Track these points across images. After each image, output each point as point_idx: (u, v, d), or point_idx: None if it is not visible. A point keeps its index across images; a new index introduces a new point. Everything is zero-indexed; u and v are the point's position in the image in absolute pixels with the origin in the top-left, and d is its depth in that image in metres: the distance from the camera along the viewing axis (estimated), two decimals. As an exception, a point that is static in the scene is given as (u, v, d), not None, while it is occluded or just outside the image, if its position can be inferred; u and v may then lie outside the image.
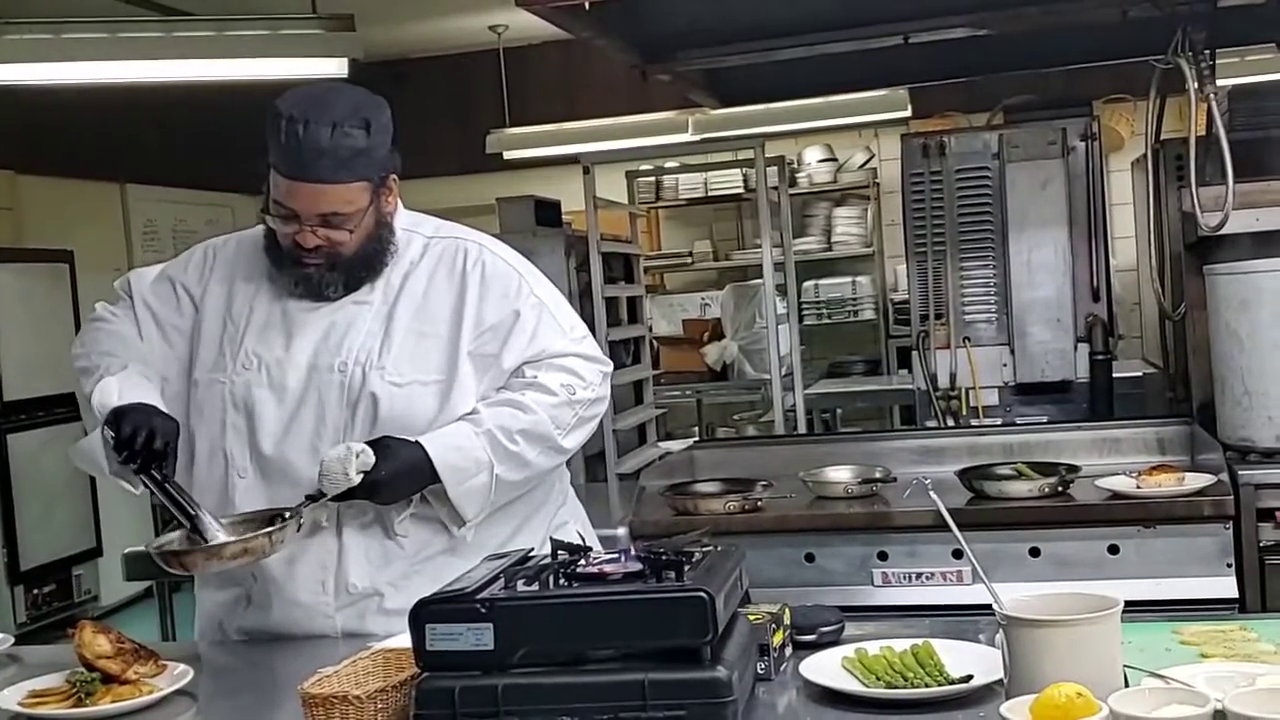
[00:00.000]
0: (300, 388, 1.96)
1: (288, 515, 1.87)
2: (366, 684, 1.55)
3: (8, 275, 5.74)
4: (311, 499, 1.88)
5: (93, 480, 5.59)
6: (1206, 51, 2.95)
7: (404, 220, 2.06)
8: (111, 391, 1.91)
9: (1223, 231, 2.87)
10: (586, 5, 2.68)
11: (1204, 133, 2.96)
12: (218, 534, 1.87)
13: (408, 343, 1.97)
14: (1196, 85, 2.91)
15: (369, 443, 1.87)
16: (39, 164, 6.29)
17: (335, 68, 4.31)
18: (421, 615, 1.44)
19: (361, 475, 1.84)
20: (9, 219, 6.27)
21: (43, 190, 6.40)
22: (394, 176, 2.00)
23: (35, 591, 5.75)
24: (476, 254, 2.04)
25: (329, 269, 1.97)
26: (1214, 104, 2.92)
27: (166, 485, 1.87)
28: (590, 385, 2.02)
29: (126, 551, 3.42)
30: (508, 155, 6.97)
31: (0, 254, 5.78)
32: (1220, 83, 2.97)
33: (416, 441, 1.90)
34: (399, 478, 1.88)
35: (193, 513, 1.88)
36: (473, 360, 1.97)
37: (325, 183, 1.89)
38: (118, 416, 1.87)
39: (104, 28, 4.16)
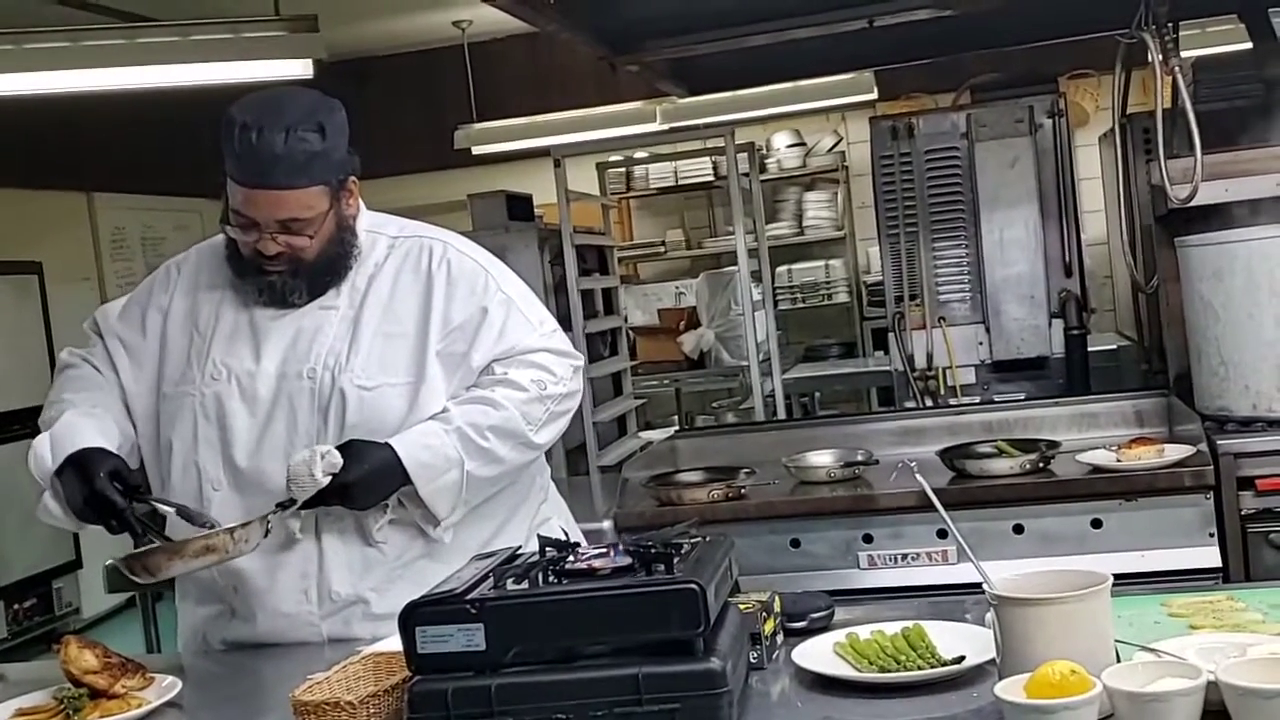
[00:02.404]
0: (271, 397, 1.94)
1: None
2: (358, 689, 1.54)
3: (-26, 289, 5.68)
4: (283, 506, 1.86)
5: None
6: (1170, 24, 2.96)
7: (367, 221, 2.05)
8: (44, 454, 1.90)
9: (1193, 203, 2.89)
10: (551, -1, 2.67)
11: (1170, 105, 2.97)
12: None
13: (376, 345, 1.96)
14: (1161, 58, 2.92)
15: (338, 447, 1.86)
16: (3, 176, 6.20)
17: (300, 69, 4.27)
18: (412, 618, 1.43)
19: (330, 477, 1.83)
20: (-26, 232, 6.19)
21: (8, 202, 6.32)
22: (353, 179, 1.98)
23: (16, 606, 5.69)
24: (441, 252, 2.02)
25: (292, 275, 1.95)
26: (1179, 76, 2.93)
27: (141, 521, 1.86)
28: (561, 380, 2.01)
29: (108, 563, 3.38)
30: (477, 150, 6.92)
31: (-34, 267, 5.72)
32: (1184, 54, 2.98)
33: (385, 443, 1.89)
34: (370, 479, 1.87)
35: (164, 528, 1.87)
36: (441, 360, 1.96)
37: (282, 189, 1.88)
38: (60, 473, 1.86)
39: (66, 36, 4.11)
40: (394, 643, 1.52)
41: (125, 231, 7.23)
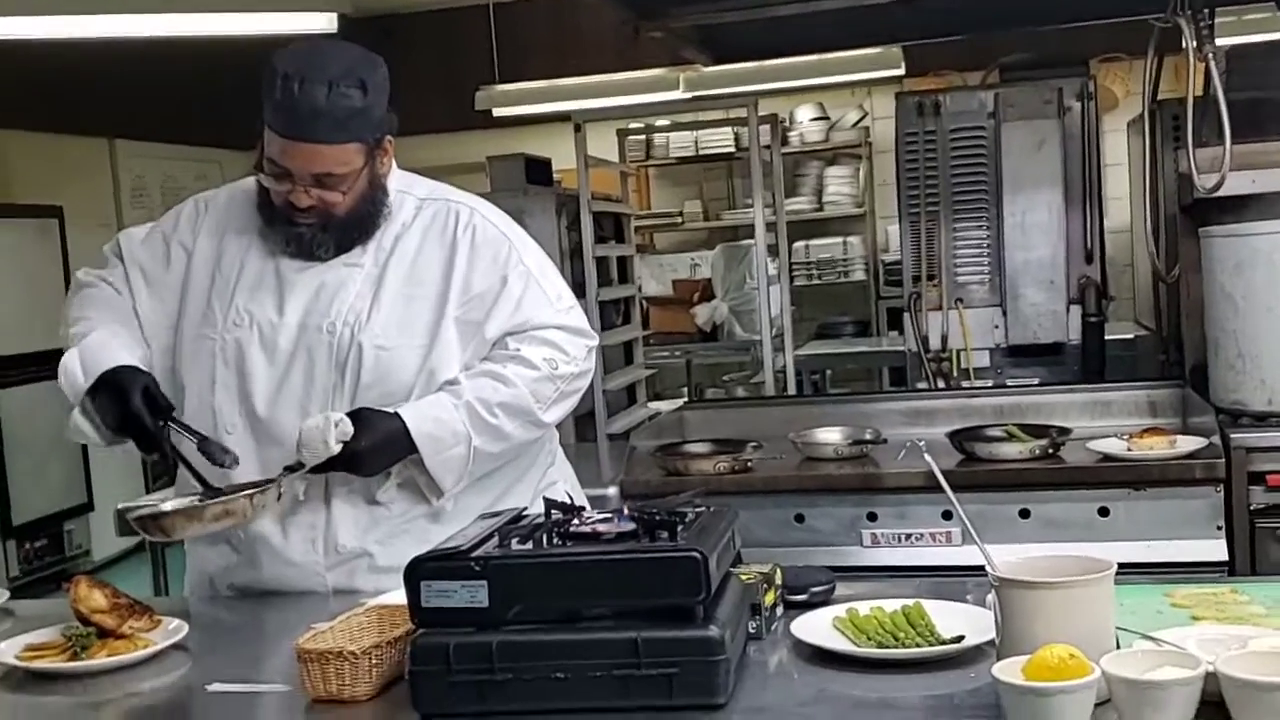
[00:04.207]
0: (290, 348, 1.95)
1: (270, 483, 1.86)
2: (361, 640, 1.56)
3: (-4, 231, 5.70)
4: (290, 469, 1.87)
5: (82, 437, 5.58)
6: (1206, 10, 2.92)
7: (397, 181, 2.04)
8: (75, 370, 1.91)
9: (1219, 193, 2.86)
10: (579, -41, 2.64)
11: (1201, 93, 2.94)
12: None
13: (396, 306, 1.96)
14: (1195, 45, 2.89)
15: (349, 414, 1.86)
16: (28, 119, 6.22)
17: (324, 23, 4.26)
18: (417, 572, 1.44)
19: (341, 445, 1.83)
20: (-3, 174, 6.22)
21: (32, 146, 6.34)
22: (390, 138, 1.98)
23: (27, 546, 5.76)
24: (468, 218, 2.02)
25: (321, 229, 1.95)
26: (1212, 64, 2.89)
27: (172, 446, 1.88)
28: (573, 360, 2.00)
29: (119, 506, 3.42)
30: (497, 113, 6.90)
31: (-12, 210, 5.74)
32: (1219, 42, 2.94)
33: (395, 412, 1.89)
34: (378, 449, 1.88)
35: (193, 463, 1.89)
36: (458, 326, 1.97)
37: (321, 143, 1.87)
38: (93, 394, 1.87)
39: (91, -19, 4.10)
40: (398, 596, 1.53)
41: (145, 180, 7.24)
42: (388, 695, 1.51)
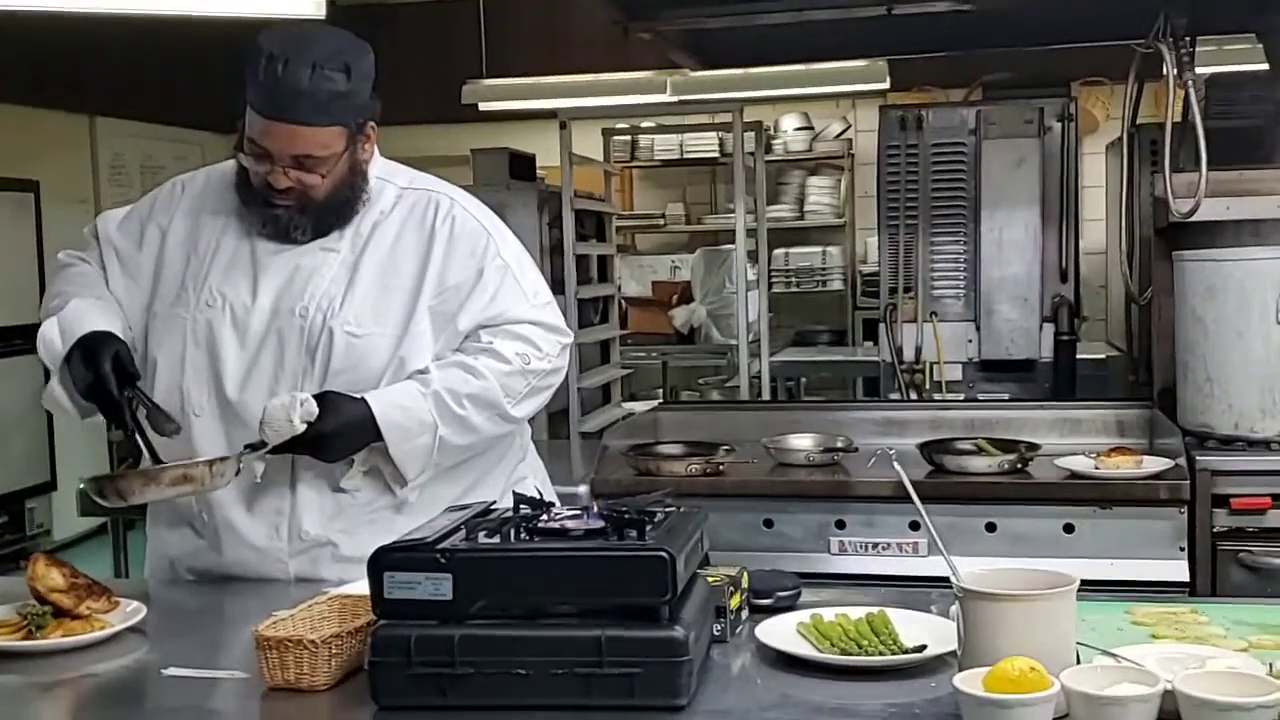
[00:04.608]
0: (262, 331, 1.94)
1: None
2: (321, 629, 1.54)
3: (-31, 203, 5.64)
4: (252, 448, 1.85)
5: (49, 412, 5.53)
6: (1187, 38, 2.96)
7: (379, 169, 2.03)
8: (54, 337, 1.91)
9: (1193, 219, 2.89)
10: (571, -43, 2.64)
11: (1180, 119, 2.97)
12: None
13: (371, 293, 1.95)
14: (1176, 71, 2.92)
15: (315, 397, 1.85)
16: (6, 92, 6.15)
17: (311, 8, 4.22)
18: (380, 563, 1.43)
19: (305, 424, 1.82)
20: (-26, 147, 6.14)
21: (9, 118, 6.27)
22: (373, 125, 1.97)
23: (-12, 523, 5.70)
24: (448, 208, 2.01)
25: (299, 212, 1.94)
26: (1192, 91, 2.92)
27: (135, 419, 1.86)
28: (546, 356, 2.00)
29: (81, 486, 3.39)
30: (483, 107, 6.88)
31: (-37, 182, 5.68)
32: (1199, 70, 2.97)
33: (362, 398, 1.88)
34: (342, 433, 1.87)
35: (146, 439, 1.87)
36: (432, 316, 1.96)
37: (301, 124, 1.86)
38: (69, 359, 1.87)
39: (77, -45, 4.06)
40: (361, 586, 1.52)
41: (124, 158, 7.18)
42: (346, 686, 1.50)
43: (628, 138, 7.70)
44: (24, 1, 4.26)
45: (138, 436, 1.87)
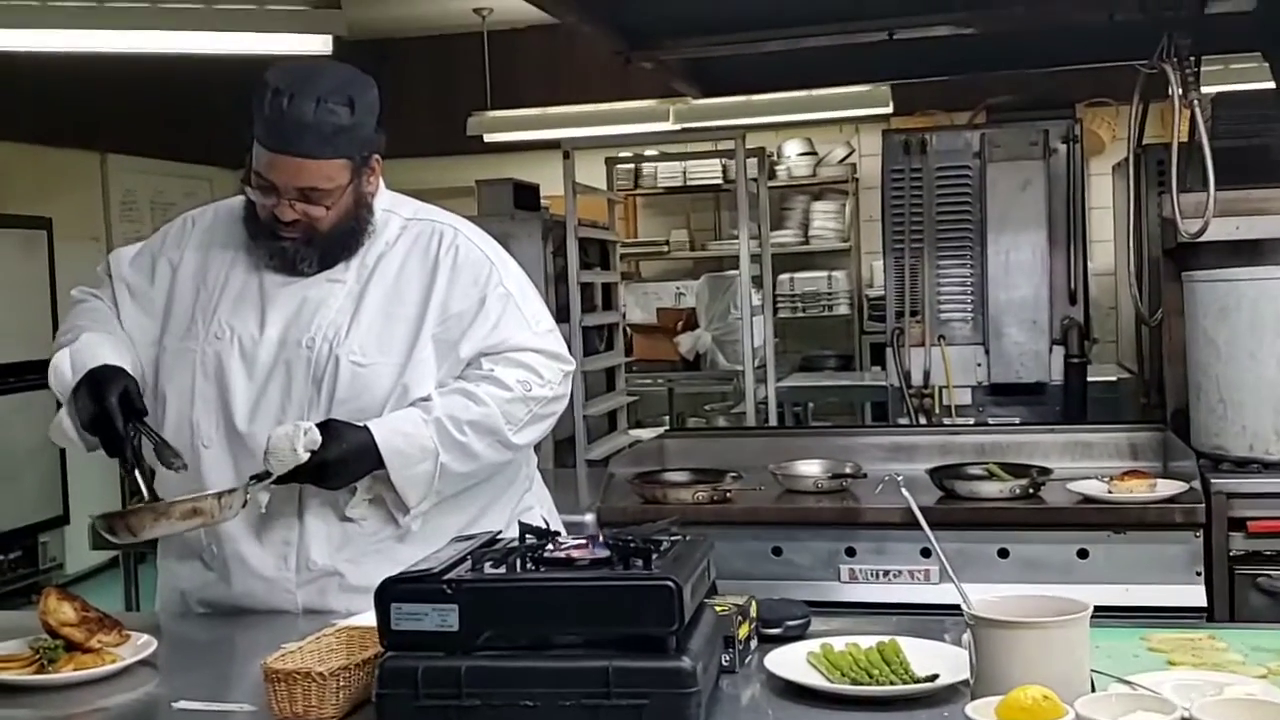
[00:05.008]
0: (270, 362, 1.95)
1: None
2: (330, 661, 1.54)
3: (-16, 240, 5.68)
4: (257, 478, 1.85)
5: (62, 448, 5.54)
6: (1191, 58, 2.96)
7: (384, 201, 2.05)
8: (65, 368, 1.92)
9: (1202, 239, 2.88)
10: (573, -11, 2.66)
11: (1186, 139, 2.96)
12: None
13: (375, 323, 1.96)
14: (1181, 91, 2.92)
15: (318, 425, 1.85)
16: (19, 131, 6.21)
17: (319, 44, 4.27)
18: (387, 594, 1.42)
19: (309, 453, 1.82)
20: (-12, 185, 6.19)
21: (22, 157, 6.32)
22: (377, 157, 1.99)
23: (0, 558, 5.69)
24: (451, 238, 2.03)
25: (305, 244, 1.95)
26: (1198, 110, 2.92)
27: (136, 453, 1.86)
28: (548, 383, 2.00)
29: (91, 515, 3.38)
30: (488, 138, 6.93)
31: (-23, 219, 5.72)
32: (1204, 89, 2.97)
33: (364, 426, 1.89)
34: (345, 460, 1.87)
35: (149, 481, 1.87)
36: (435, 344, 1.96)
37: (306, 157, 1.88)
38: (76, 391, 1.87)
39: (90, -4, 4.10)
40: (369, 617, 1.51)
41: (135, 194, 7.23)
42: (354, 718, 1.49)
43: (631, 166, 7.73)
44: (36, 41, 4.30)
45: (136, 473, 1.86)
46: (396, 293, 1.98)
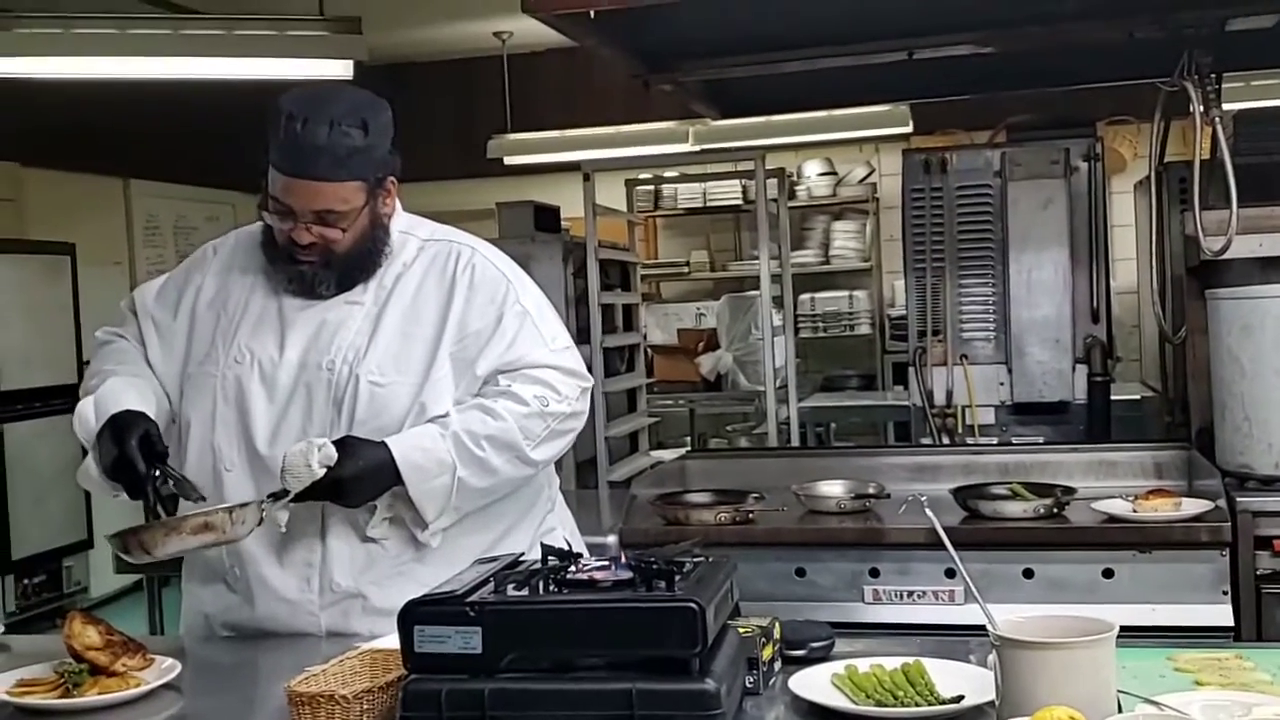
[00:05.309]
0: (290, 385, 1.96)
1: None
2: (354, 684, 1.54)
3: (9, 266, 5.74)
4: (275, 497, 1.86)
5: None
6: (1213, 75, 2.95)
7: (401, 223, 2.07)
8: (89, 415, 1.94)
9: (1225, 256, 2.86)
10: (592, 14, 2.67)
11: (1208, 157, 2.95)
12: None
13: (394, 342, 1.97)
14: (1202, 108, 2.91)
15: (334, 442, 1.86)
16: (44, 157, 6.29)
17: (340, 69, 4.31)
18: (410, 616, 1.43)
19: (324, 469, 1.82)
20: (12, 210, 6.27)
21: (47, 183, 6.40)
22: (393, 179, 2.00)
23: (25, 582, 5.73)
24: (468, 257, 2.04)
25: (323, 266, 1.97)
26: (1219, 128, 2.91)
27: (158, 493, 1.87)
28: (565, 399, 2.00)
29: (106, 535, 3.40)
30: (508, 161, 6.96)
31: (2, 245, 5.79)
32: (1226, 107, 2.96)
33: (381, 442, 1.89)
34: (362, 476, 1.87)
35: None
36: (453, 362, 1.97)
37: (321, 180, 1.90)
38: (99, 436, 1.90)
39: (113, 23, 4.16)
40: (392, 640, 1.51)
41: (158, 219, 7.31)
42: (378, 741, 1.49)
43: (651, 187, 7.75)
44: (61, 68, 4.35)
45: (159, 507, 1.87)
46: (414, 312, 1.99)
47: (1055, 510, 2.87)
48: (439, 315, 1.99)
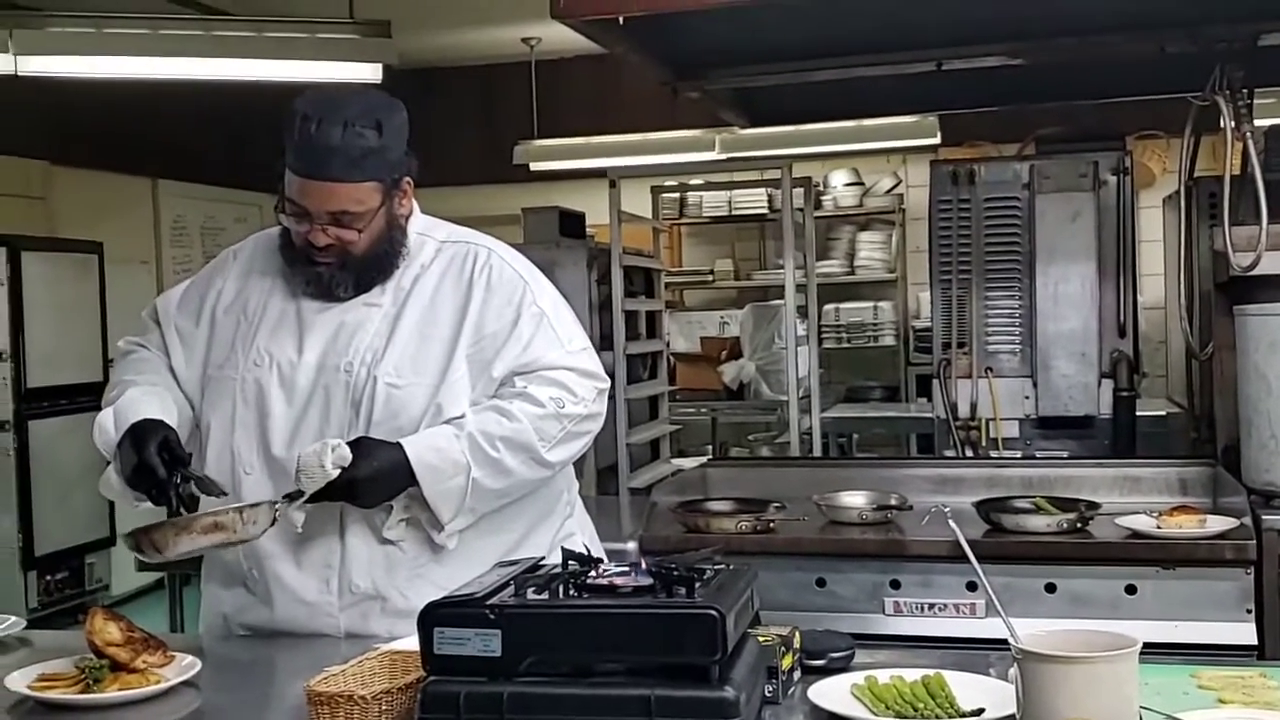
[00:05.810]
0: (309, 387, 1.97)
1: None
2: (372, 684, 1.55)
3: (38, 264, 5.80)
4: (290, 498, 1.86)
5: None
6: (1244, 90, 2.93)
7: (419, 224, 2.07)
8: (108, 426, 1.95)
9: (1255, 272, 2.84)
10: (621, 20, 2.68)
11: (1239, 172, 2.93)
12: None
13: (411, 345, 1.98)
14: (1234, 124, 2.89)
15: (348, 443, 1.86)
16: (73, 156, 6.35)
17: (370, 73, 4.34)
18: (430, 618, 1.43)
19: (339, 470, 1.83)
20: (42, 209, 6.33)
21: (75, 182, 6.46)
22: (409, 180, 2.01)
23: (48, 578, 5.78)
24: (485, 259, 2.04)
25: (339, 268, 1.97)
26: (1250, 143, 2.89)
27: (180, 497, 1.88)
28: (582, 401, 1.99)
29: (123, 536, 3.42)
30: (534, 167, 6.99)
31: (31, 243, 5.84)
32: (1257, 122, 2.94)
33: (396, 442, 1.90)
34: (377, 476, 1.87)
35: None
36: (469, 363, 1.97)
37: (335, 181, 1.91)
38: (120, 446, 1.91)
39: (145, 24, 4.21)
40: (411, 642, 1.52)
41: (186, 219, 7.36)
42: (396, 742, 1.49)
43: (676, 195, 7.76)
44: (91, 68, 4.40)
45: (182, 510, 1.88)
46: (432, 314, 2.00)
47: (1079, 525, 2.85)
48: (456, 316, 1.99)
